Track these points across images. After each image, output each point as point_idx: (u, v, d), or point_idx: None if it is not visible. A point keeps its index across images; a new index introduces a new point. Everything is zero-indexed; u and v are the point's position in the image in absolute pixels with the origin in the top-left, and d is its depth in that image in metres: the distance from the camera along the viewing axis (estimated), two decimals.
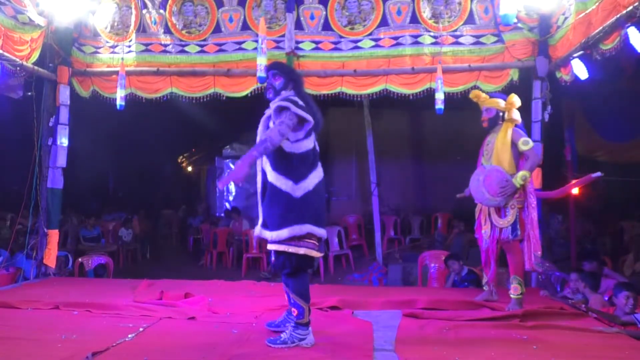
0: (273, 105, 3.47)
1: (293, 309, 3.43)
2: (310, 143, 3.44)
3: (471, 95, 4.76)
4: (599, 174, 4.46)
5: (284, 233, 3.29)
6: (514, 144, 4.42)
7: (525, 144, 4.38)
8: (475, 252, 7.74)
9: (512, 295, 4.40)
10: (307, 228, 3.31)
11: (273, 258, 3.49)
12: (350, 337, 3.65)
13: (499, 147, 4.46)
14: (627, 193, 8.25)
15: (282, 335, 3.42)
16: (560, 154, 7.01)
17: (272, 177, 3.37)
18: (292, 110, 3.32)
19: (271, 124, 3.44)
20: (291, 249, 3.31)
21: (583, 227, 8.33)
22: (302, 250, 3.33)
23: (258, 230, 3.47)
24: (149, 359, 3.09)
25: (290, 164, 3.36)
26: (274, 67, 3.67)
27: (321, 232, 3.40)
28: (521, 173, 4.31)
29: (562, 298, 4.95)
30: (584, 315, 4.29)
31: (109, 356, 3.14)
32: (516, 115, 4.52)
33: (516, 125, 4.50)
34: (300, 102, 3.40)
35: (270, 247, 3.40)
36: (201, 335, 3.66)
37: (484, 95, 4.68)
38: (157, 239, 11.75)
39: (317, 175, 3.44)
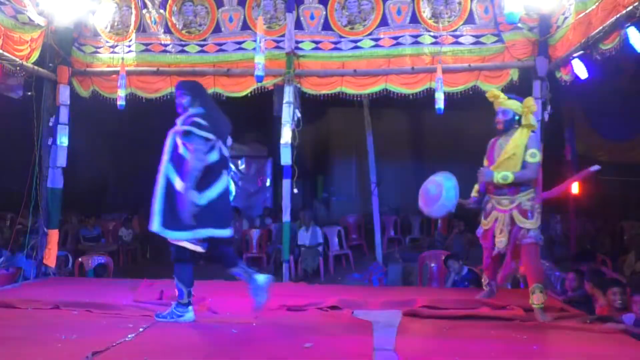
0: (179, 123, 3.84)
1: (176, 290, 3.96)
2: (214, 156, 3.80)
3: (488, 95, 4.51)
4: (597, 167, 4.40)
5: (186, 235, 3.74)
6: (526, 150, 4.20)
7: (533, 156, 4.15)
8: (475, 252, 7.75)
9: (535, 305, 4.11)
10: (208, 232, 3.76)
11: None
12: (350, 337, 3.65)
13: (510, 151, 4.20)
14: (627, 193, 8.26)
15: (164, 311, 4.01)
16: (560, 154, 7.01)
17: (180, 186, 3.70)
18: (195, 134, 3.70)
19: (178, 140, 3.79)
20: (182, 244, 3.80)
21: (583, 227, 8.34)
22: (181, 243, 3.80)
23: (157, 228, 3.75)
24: (149, 359, 3.09)
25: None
26: (179, 87, 4.06)
27: (223, 232, 3.82)
28: (506, 172, 4.13)
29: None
30: (584, 314, 4.29)
31: (109, 356, 3.14)
32: (534, 120, 4.30)
33: (532, 132, 4.31)
34: (203, 122, 3.74)
35: (171, 240, 3.85)
36: (201, 335, 3.66)
37: (502, 96, 4.41)
38: (157, 239, 11.72)
39: (221, 184, 3.83)
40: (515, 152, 4.17)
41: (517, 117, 4.30)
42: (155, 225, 3.74)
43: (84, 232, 9.36)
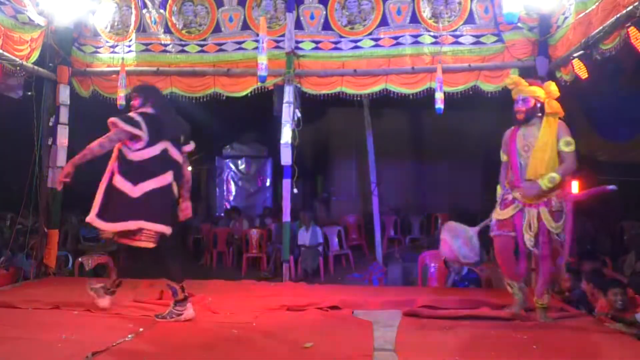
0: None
1: (169, 290, 4.00)
2: (153, 151, 3.89)
3: (508, 82, 4.22)
4: (614, 187, 4.09)
5: (118, 226, 3.79)
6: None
7: (567, 144, 3.84)
8: None
9: (539, 304, 4.05)
10: (140, 224, 3.77)
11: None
12: (350, 337, 3.66)
13: (544, 143, 3.86)
14: (627, 193, 8.24)
15: (164, 311, 4.02)
16: None
17: (116, 178, 3.86)
18: (119, 127, 3.82)
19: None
20: (136, 243, 3.81)
21: (583, 227, 8.32)
22: (136, 243, 3.80)
23: (91, 218, 3.83)
24: (148, 359, 3.09)
25: (131, 169, 3.86)
26: (134, 90, 4.30)
27: (157, 227, 3.82)
28: (551, 174, 3.79)
29: None
30: (583, 314, 4.29)
31: (109, 356, 3.14)
32: (558, 107, 3.95)
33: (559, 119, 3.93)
34: (137, 119, 3.86)
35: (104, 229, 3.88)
36: (201, 335, 3.66)
37: (523, 82, 4.05)
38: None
39: (160, 181, 3.87)
40: (550, 145, 3.85)
41: (539, 105, 3.98)
42: (90, 215, 3.83)
43: (84, 232, 9.35)
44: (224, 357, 3.19)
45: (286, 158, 6.03)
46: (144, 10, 6.39)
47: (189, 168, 4.30)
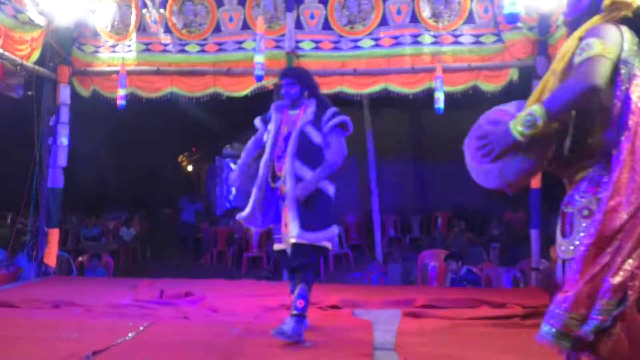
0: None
1: None
2: None
3: None
4: None
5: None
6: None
7: (584, 50, 1.92)
8: (475, 251, 7.75)
9: None
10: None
11: None
12: (350, 336, 3.66)
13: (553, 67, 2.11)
14: None
15: None
16: None
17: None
18: None
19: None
20: None
21: None
22: None
23: None
24: (149, 358, 3.10)
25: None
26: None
27: None
28: (529, 109, 1.91)
29: None
30: None
31: (109, 355, 3.14)
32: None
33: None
34: None
35: None
36: (201, 334, 3.66)
37: None
38: (157, 238, 11.77)
39: None
40: (561, 59, 2.08)
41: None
42: None
43: (84, 231, 9.37)
44: (224, 356, 3.19)
45: None
46: (144, 10, 6.39)
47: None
